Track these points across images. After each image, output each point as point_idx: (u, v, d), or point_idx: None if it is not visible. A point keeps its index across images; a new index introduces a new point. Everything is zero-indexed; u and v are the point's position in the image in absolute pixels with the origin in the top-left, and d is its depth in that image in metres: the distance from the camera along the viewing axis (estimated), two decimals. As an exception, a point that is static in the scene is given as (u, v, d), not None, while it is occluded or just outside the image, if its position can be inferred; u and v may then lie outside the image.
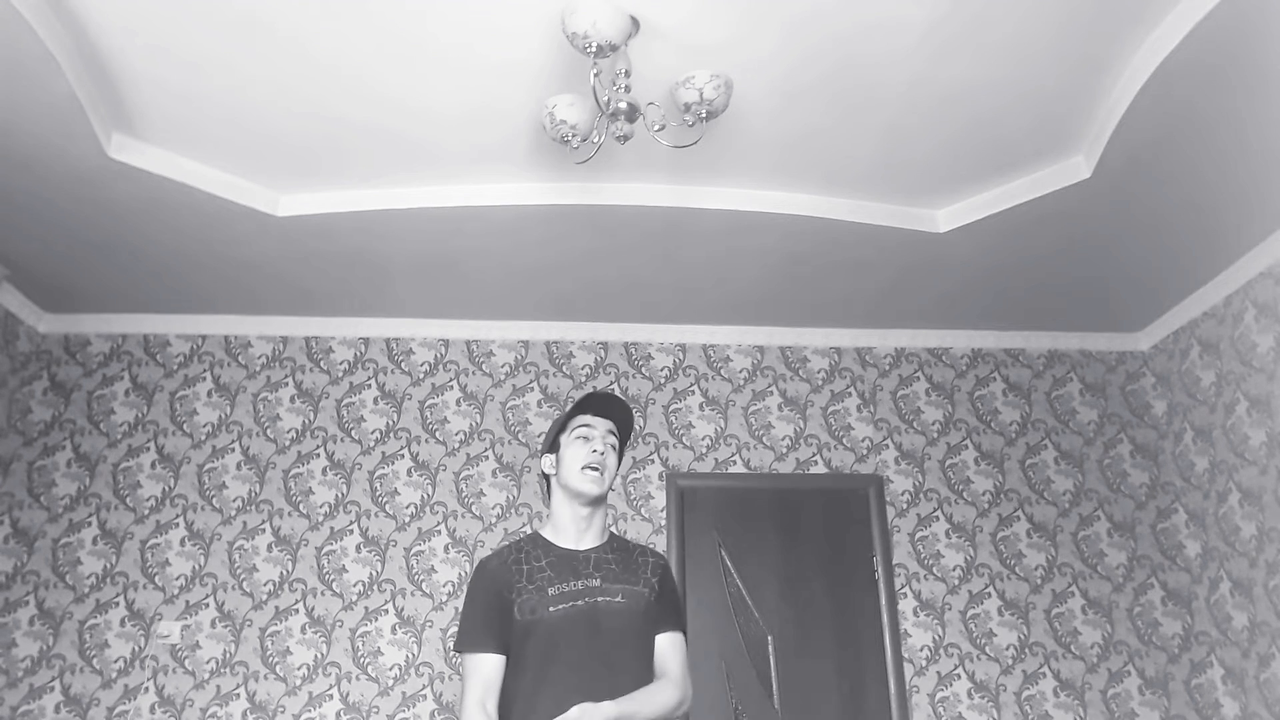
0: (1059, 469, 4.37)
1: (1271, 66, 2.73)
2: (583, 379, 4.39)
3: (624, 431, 2.15)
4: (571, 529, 2.07)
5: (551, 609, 1.93)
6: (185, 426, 4.21)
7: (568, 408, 2.17)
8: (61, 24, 2.65)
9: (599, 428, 2.10)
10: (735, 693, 3.90)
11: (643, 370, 4.43)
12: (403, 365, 4.37)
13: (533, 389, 4.36)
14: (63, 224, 3.55)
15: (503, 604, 1.95)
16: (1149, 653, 4.09)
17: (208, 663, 3.86)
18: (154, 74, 2.87)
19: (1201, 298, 4.10)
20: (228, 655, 3.88)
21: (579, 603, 1.95)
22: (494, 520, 4.14)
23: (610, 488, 2.12)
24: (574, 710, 1.82)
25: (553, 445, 2.13)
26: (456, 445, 4.26)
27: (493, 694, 1.91)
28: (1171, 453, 4.33)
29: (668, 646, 2.07)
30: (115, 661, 3.84)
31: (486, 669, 1.92)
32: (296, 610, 3.96)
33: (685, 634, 2.14)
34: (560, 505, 2.10)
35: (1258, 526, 3.74)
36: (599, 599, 1.97)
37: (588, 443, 2.07)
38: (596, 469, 2.05)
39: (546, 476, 2.16)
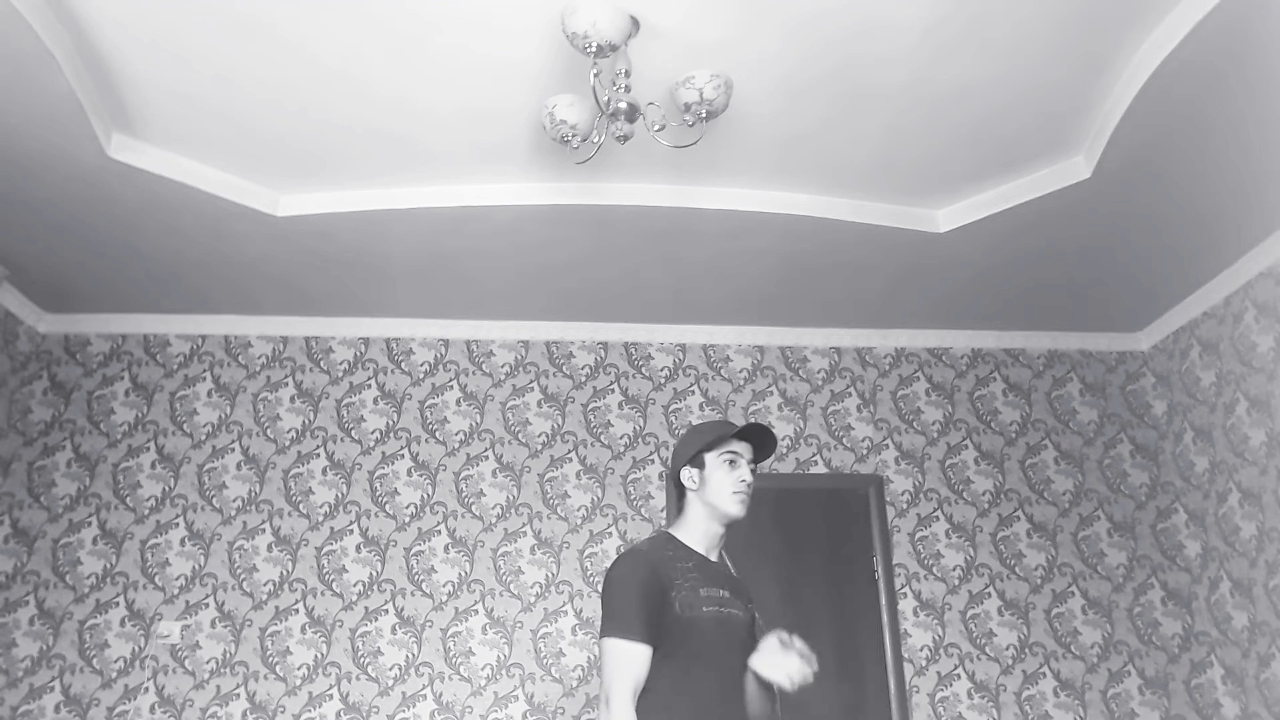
0: (1059, 469, 4.37)
1: (1271, 66, 2.73)
2: (583, 379, 4.39)
3: (760, 458, 2.23)
4: (705, 541, 2.14)
5: (705, 609, 1.99)
6: (185, 426, 4.21)
7: (713, 423, 2.23)
8: (61, 24, 2.65)
9: (745, 455, 2.16)
10: (735, 693, 3.90)
11: (643, 370, 4.43)
12: (403, 365, 4.37)
13: (533, 389, 4.36)
14: (63, 224, 3.55)
15: (663, 597, 1.96)
16: (1149, 653, 4.09)
17: (208, 663, 3.86)
18: (154, 74, 2.87)
19: (1201, 298, 4.10)
20: (228, 655, 3.88)
21: (719, 610, 2.02)
22: (494, 520, 4.14)
23: None
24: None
25: (695, 459, 2.16)
26: (456, 445, 4.26)
27: (640, 685, 1.92)
28: (1171, 453, 4.33)
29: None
30: (115, 661, 3.84)
31: (639, 659, 1.92)
32: (296, 610, 3.96)
33: None
34: (699, 518, 2.15)
35: (1258, 526, 3.73)
36: (731, 610, 2.05)
37: (735, 469, 2.13)
38: (746, 495, 2.13)
39: (682, 487, 2.19)
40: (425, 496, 4.16)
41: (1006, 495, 4.32)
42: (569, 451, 4.27)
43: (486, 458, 4.24)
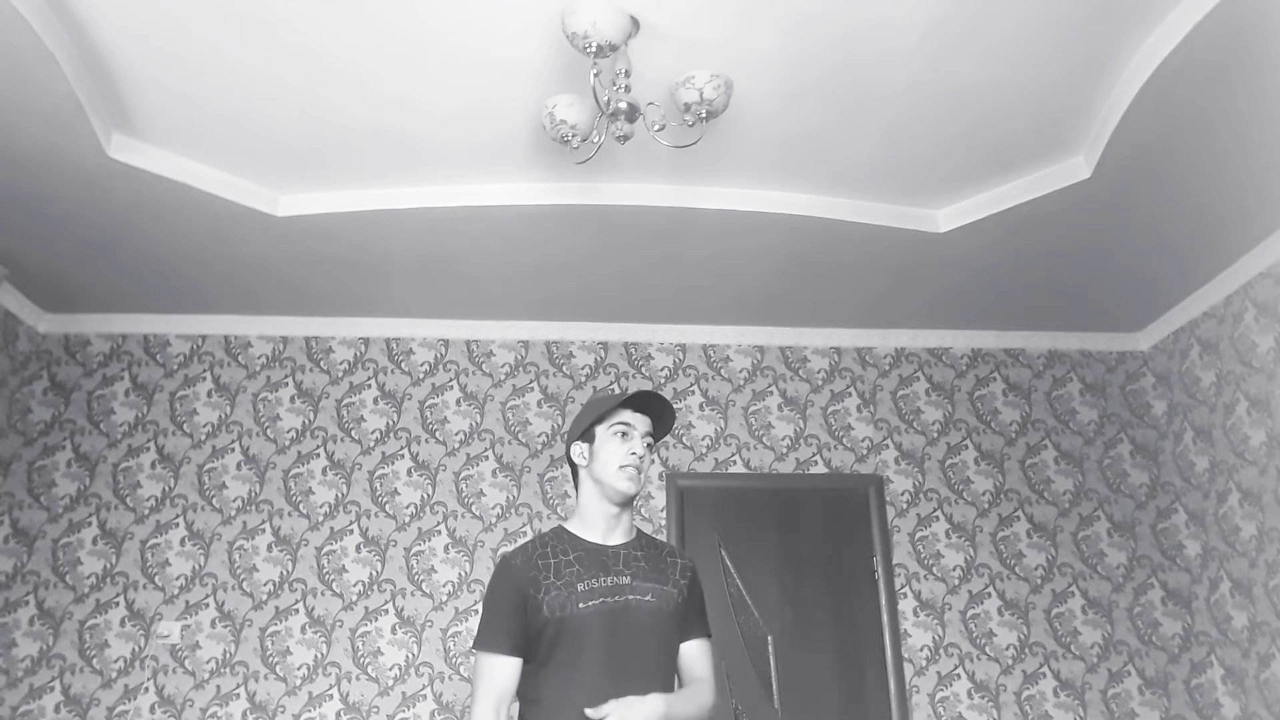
0: (1059, 469, 4.37)
1: (1272, 66, 2.73)
2: (583, 379, 4.39)
3: (660, 431, 2.08)
4: (600, 524, 1.99)
5: (581, 605, 1.86)
6: (185, 426, 4.21)
7: (602, 397, 2.08)
8: (61, 24, 2.65)
9: (639, 426, 2.01)
10: (735, 693, 3.90)
11: (643, 370, 4.43)
12: (403, 365, 4.37)
13: (533, 389, 4.36)
14: (63, 224, 3.55)
15: (527, 603, 1.87)
16: (1149, 653, 4.09)
17: (208, 663, 3.86)
18: (154, 74, 2.87)
19: (1201, 298, 4.10)
20: (228, 655, 3.88)
21: (609, 600, 1.88)
22: (494, 520, 4.14)
23: (641, 488, 2.06)
24: (611, 705, 1.78)
25: (585, 434, 2.02)
26: (456, 445, 4.26)
27: (506, 698, 1.85)
28: (1171, 453, 4.33)
29: (698, 652, 2.03)
30: (115, 661, 3.84)
31: (502, 672, 1.85)
32: (296, 610, 3.96)
33: (710, 638, 2.10)
34: (590, 499, 2.01)
35: (1258, 526, 3.73)
36: (630, 597, 1.91)
37: (626, 440, 1.98)
38: (636, 469, 1.97)
39: (574, 465, 2.05)
40: (425, 496, 4.16)
41: (1006, 495, 4.32)
42: (569, 451, 4.27)
43: (486, 458, 4.24)
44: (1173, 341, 4.34)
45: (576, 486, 2.06)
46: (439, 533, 4.11)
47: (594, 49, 2.39)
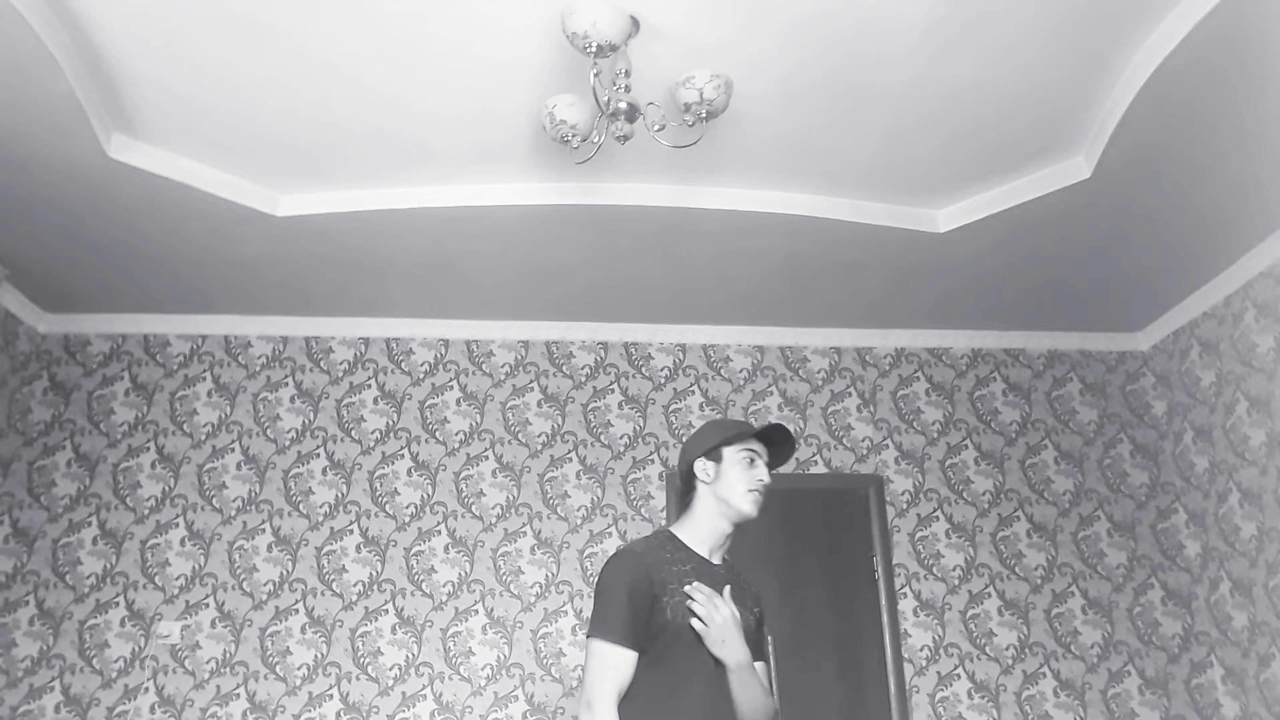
0: (1059, 469, 4.37)
1: (1271, 66, 2.73)
2: (583, 379, 4.39)
3: (775, 463, 2.17)
4: (711, 540, 2.05)
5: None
6: (185, 426, 4.21)
7: (735, 421, 2.15)
8: (61, 24, 2.65)
9: (762, 456, 2.10)
10: (735, 693, 3.89)
11: (643, 370, 4.43)
12: (403, 365, 4.37)
13: (533, 389, 4.36)
14: (63, 224, 3.55)
15: (654, 601, 1.87)
16: (1149, 653, 4.09)
17: (208, 663, 3.86)
18: (154, 74, 2.87)
19: (1201, 298, 4.10)
20: (228, 655, 3.88)
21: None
22: (494, 520, 4.14)
23: None
24: (706, 595, 1.87)
25: (712, 453, 2.08)
26: (456, 445, 4.26)
27: (621, 691, 1.85)
28: (1171, 453, 4.33)
29: (762, 672, 2.08)
30: (115, 661, 3.84)
31: (625, 665, 1.84)
32: (296, 610, 3.96)
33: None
34: (707, 515, 2.06)
35: (1258, 526, 3.73)
36: None
37: (753, 467, 2.06)
38: (761, 494, 2.07)
39: (693, 479, 2.09)
40: (425, 496, 4.16)
41: (1006, 495, 4.32)
42: (569, 451, 4.27)
43: (486, 458, 4.24)
44: (1173, 341, 4.34)
45: (689, 499, 2.10)
46: (439, 533, 4.11)
47: (594, 49, 2.40)
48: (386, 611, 3.98)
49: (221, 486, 4.12)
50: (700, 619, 1.87)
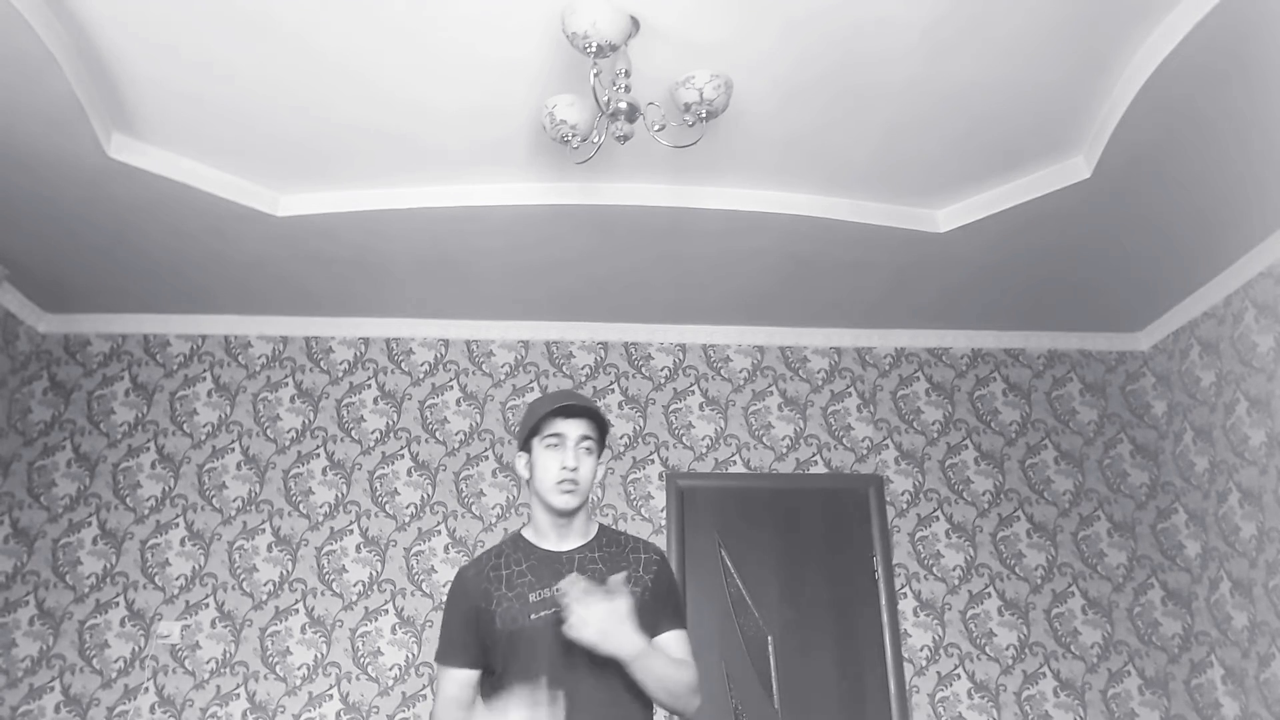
0: (1059, 469, 4.37)
1: (1271, 66, 2.73)
2: (583, 379, 4.39)
3: (601, 431, 1.99)
4: (552, 533, 1.96)
5: (533, 616, 1.83)
6: (185, 426, 4.21)
7: (533, 404, 2.02)
8: (61, 24, 2.65)
9: (571, 434, 1.93)
10: (735, 693, 3.90)
11: (643, 370, 4.43)
12: (403, 365, 4.37)
13: (533, 389, 4.36)
14: (63, 224, 3.55)
15: (479, 615, 1.86)
16: (1149, 653, 4.09)
17: (208, 663, 3.86)
18: (154, 74, 2.87)
19: (1201, 298, 4.10)
20: (228, 655, 3.88)
21: (561, 609, 1.82)
22: (494, 520, 4.14)
23: (589, 494, 1.98)
24: (576, 592, 1.75)
25: (524, 445, 1.99)
26: (456, 445, 4.26)
27: (463, 709, 1.85)
28: (1171, 453, 4.33)
29: (672, 642, 1.94)
30: (115, 661, 3.84)
31: (456, 684, 1.87)
32: (296, 610, 3.96)
33: (686, 630, 2.01)
34: (537, 510, 1.98)
35: (1258, 526, 3.73)
36: None
37: (559, 452, 1.92)
38: (572, 482, 1.91)
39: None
40: (425, 496, 4.16)
41: (1006, 495, 4.32)
42: (569, 451, 4.26)
43: (486, 458, 4.24)
44: (1173, 341, 4.34)
45: (531, 498, 2.02)
46: (439, 533, 4.11)
47: (594, 49, 2.40)
48: (386, 611, 3.98)
49: (221, 486, 4.12)
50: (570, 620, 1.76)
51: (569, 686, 1.79)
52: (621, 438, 4.31)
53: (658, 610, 1.95)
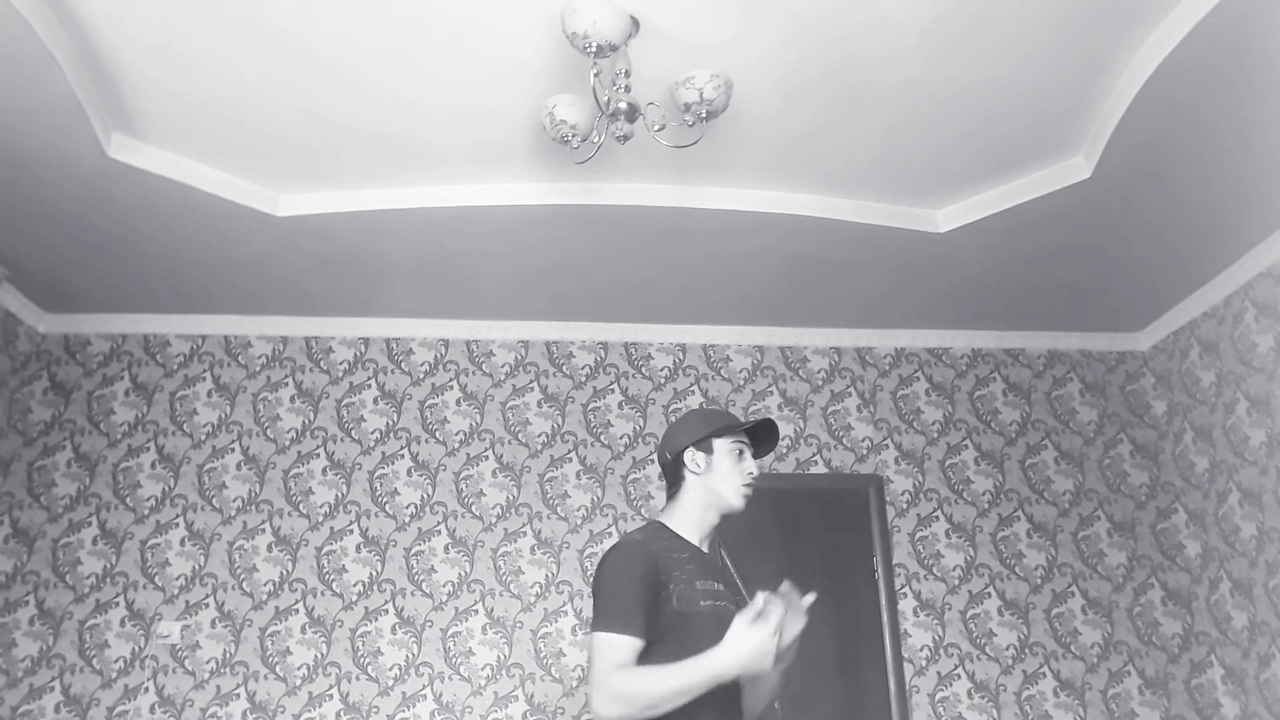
0: (1059, 469, 4.37)
1: (1271, 66, 2.73)
2: (583, 379, 4.39)
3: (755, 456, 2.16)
4: (700, 530, 2.03)
5: (703, 604, 1.88)
6: (185, 426, 4.21)
7: (725, 412, 2.15)
8: (61, 24, 2.65)
9: (750, 448, 2.10)
10: (735, 693, 3.89)
11: (643, 370, 4.43)
12: (403, 365, 4.37)
13: (533, 389, 4.36)
14: (63, 224, 3.55)
15: (659, 589, 1.84)
16: (1149, 653, 4.09)
17: (208, 663, 3.86)
18: (154, 74, 2.87)
19: (1201, 298, 4.10)
20: (228, 655, 3.88)
21: (718, 604, 1.91)
22: (494, 520, 4.14)
23: None
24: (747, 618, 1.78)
25: (701, 443, 2.05)
26: (456, 445, 4.26)
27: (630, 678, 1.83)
28: (1171, 453, 4.33)
29: None
30: (115, 661, 3.84)
31: (629, 652, 1.79)
32: (296, 610, 3.96)
33: None
34: (695, 505, 2.04)
35: (1258, 526, 3.73)
36: (725, 604, 1.93)
37: (742, 460, 2.06)
38: (750, 489, 2.06)
39: (682, 468, 2.05)
40: (425, 496, 4.16)
41: (1006, 495, 4.32)
42: (569, 451, 4.27)
43: (486, 458, 4.24)
44: (1173, 341, 4.34)
45: (677, 488, 2.07)
46: (439, 533, 4.11)
47: (594, 49, 2.40)
48: (386, 611, 3.98)
49: (221, 486, 4.12)
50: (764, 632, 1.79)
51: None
52: (621, 438, 4.31)
53: None
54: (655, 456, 3.88)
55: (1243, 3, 2.49)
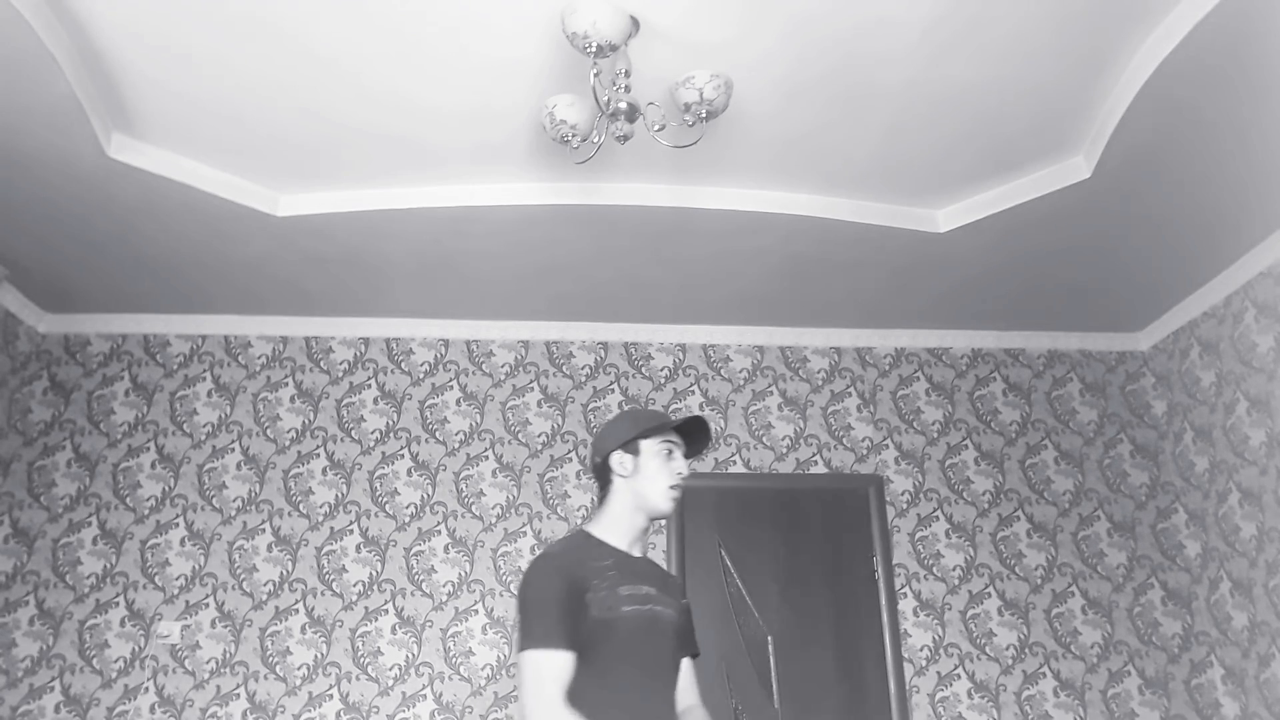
0: (1059, 469, 4.37)
1: (1271, 66, 2.73)
2: (583, 379, 4.39)
3: (689, 455, 2.12)
4: (628, 536, 1.99)
5: (625, 609, 1.85)
6: (185, 426, 4.21)
7: (652, 412, 2.07)
8: (61, 24, 2.65)
9: (681, 447, 2.04)
10: (735, 693, 3.90)
11: (643, 370, 4.43)
12: (403, 365, 4.37)
13: (533, 389, 4.36)
14: (63, 224, 3.55)
15: (578, 599, 1.82)
16: (1149, 653, 4.09)
17: (208, 663, 3.86)
18: (154, 74, 2.87)
19: (1201, 298, 4.10)
20: (228, 655, 3.88)
21: (643, 608, 1.88)
22: (494, 520, 4.14)
23: None
24: None
25: (628, 445, 2.00)
26: (456, 445, 4.26)
27: (564, 694, 1.81)
28: (1171, 453, 4.33)
29: (692, 672, 2.07)
30: (115, 661, 3.84)
31: (560, 667, 1.77)
32: (296, 610, 3.96)
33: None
34: (623, 509, 2.00)
35: (1258, 526, 3.73)
36: (656, 607, 1.91)
37: (671, 460, 2.00)
38: (679, 491, 1.99)
39: (609, 472, 2.02)
40: (425, 496, 4.16)
41: (1006, 495, 4.32)
42: (569, 451, 4.27)
43: (486, 458, 4.24)
44: (1173, 341, 4.34)
45: (605, 492, 2.03)
46: (439, 533, 4.11)
47: (594, 49, 2.39)
48: (386, 611, 3.98)
49: (221, 486, 4.12)
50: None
51: (649, 680, 1.86)
52: (621, 438, 4.30)
53: (688, 633, 2.09)
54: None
55: (1243, 3, 2.49)
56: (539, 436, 4.29)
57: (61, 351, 4.28)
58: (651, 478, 1.97)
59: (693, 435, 2.07)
